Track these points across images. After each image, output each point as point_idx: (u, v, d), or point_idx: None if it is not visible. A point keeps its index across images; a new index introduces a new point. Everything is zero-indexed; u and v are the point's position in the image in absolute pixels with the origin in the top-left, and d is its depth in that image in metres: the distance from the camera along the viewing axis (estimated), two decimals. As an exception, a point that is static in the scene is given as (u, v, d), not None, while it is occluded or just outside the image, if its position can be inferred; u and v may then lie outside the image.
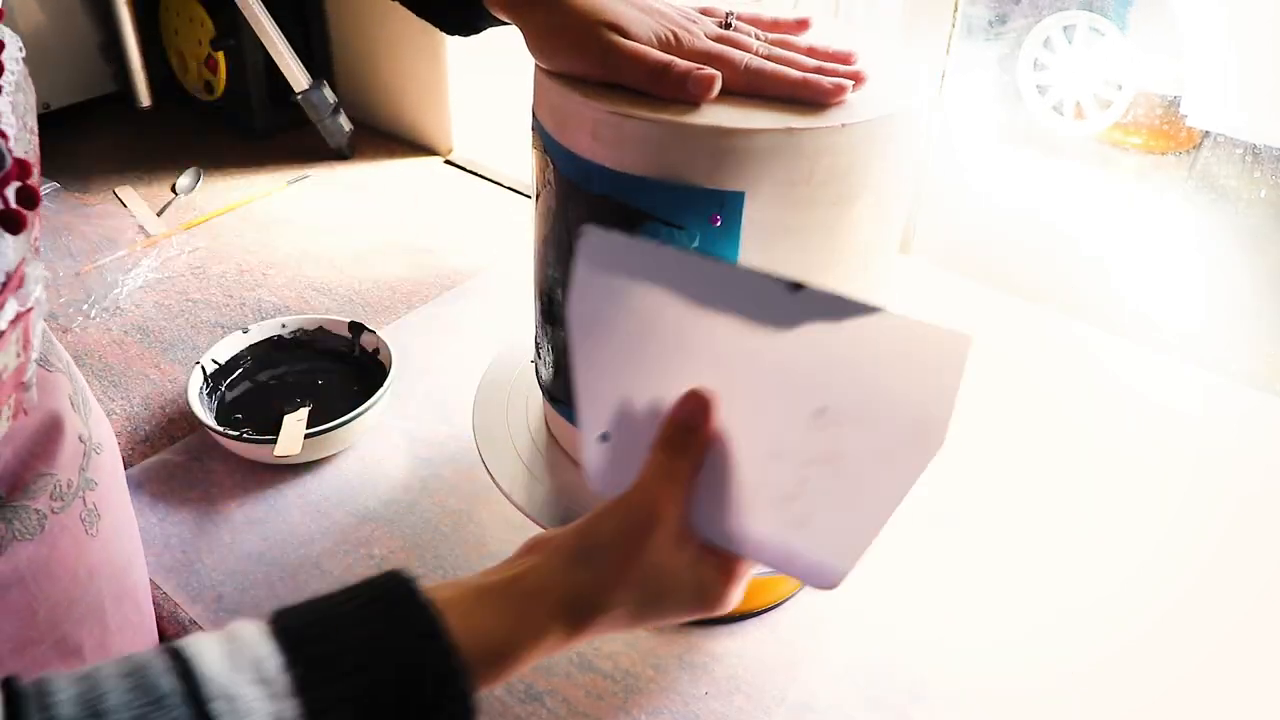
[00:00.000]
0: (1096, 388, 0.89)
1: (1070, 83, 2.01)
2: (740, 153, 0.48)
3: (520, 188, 1.22)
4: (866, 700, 0.63)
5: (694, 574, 0.43)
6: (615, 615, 0.41)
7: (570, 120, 0.52)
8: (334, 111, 1.23)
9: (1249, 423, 0.87)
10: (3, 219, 0.41)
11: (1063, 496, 0.78)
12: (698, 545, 0.43)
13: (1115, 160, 1.92)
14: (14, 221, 0.41)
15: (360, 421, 0.79)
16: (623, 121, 0.49)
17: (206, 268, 1.06)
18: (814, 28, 0.58)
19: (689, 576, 0.43)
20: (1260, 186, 1.39)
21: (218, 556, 0.73)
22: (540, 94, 0.55)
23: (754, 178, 0.49)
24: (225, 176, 1.23)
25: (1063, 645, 0.67)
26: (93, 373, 0.90)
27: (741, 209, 0.49)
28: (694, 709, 0.63)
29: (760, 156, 0.48)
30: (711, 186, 0.49)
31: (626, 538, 0.41)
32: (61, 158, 1.25)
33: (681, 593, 0.43)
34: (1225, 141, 1.59)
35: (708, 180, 0.49)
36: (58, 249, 1.06)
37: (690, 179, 0.49)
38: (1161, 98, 1.89)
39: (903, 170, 0.54)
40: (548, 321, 0.61)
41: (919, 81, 0.54)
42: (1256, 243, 1.36)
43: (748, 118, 0.48)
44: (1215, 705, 0.64)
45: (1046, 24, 2.02)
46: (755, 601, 0.69)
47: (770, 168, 0.48)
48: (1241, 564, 0.73)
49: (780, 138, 0.48)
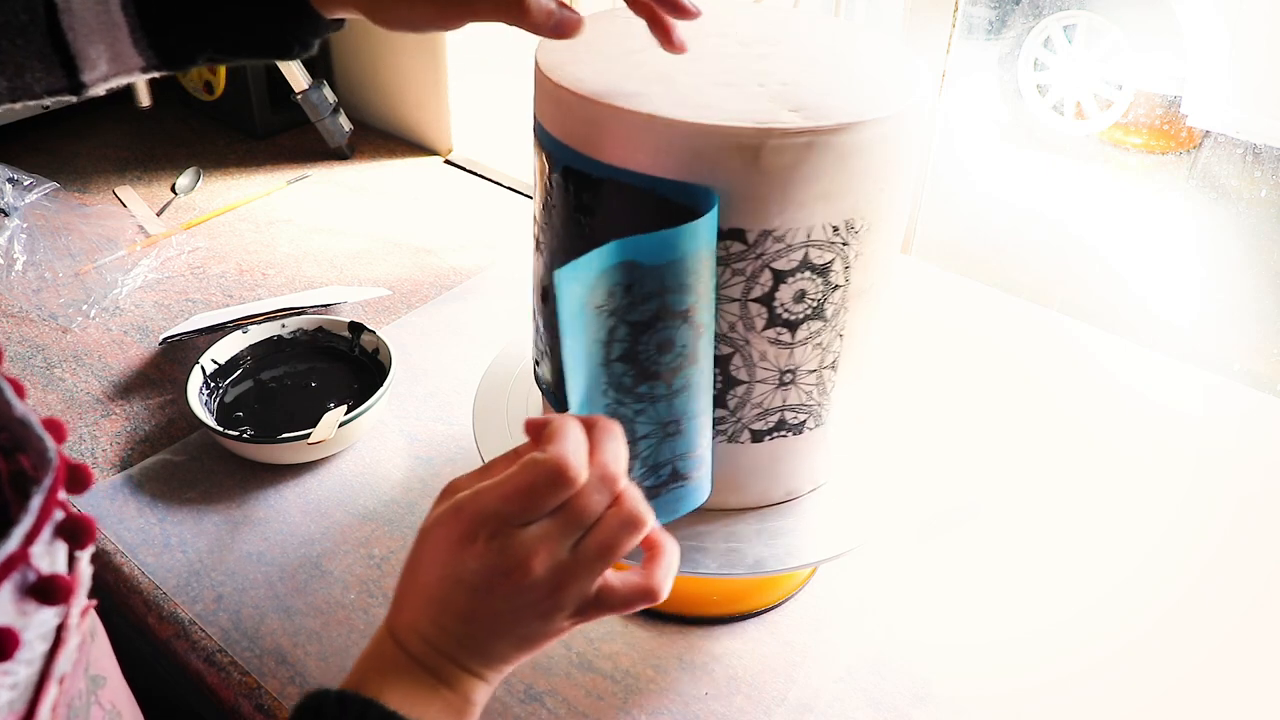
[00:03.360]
0: (1096, 388, 0.89)
1: (1071, 82, 2.01)
2: (741, 152, 0.48)
3: (520, 187, 1.22)
4: (867, 701, 0.63)
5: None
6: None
7: (571, 118, 0.52)
8: (333, 111, 1.23)
9: (1249, 423, 0.87)
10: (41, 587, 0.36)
11: (1063, 496, 0.78)
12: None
13: (1116, 160, 1.92)
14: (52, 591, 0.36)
15: (360, 421, 0.79)
16: (622, 119, 0.49)
17: (206, 268, 1.06)
18: (813, 27, 0.58)
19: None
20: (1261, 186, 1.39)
21: (217, 556, 0.73)
22: (541, 91, 0.55)
23: (755, 177, 0.49)
24: (225, 176, 1.23)
25: (1063, 645, 0.67)
26: (93, 373, 0.90)
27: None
28: (694, 709, 0.63)
29: (761, 155, 0.48)
30: (711, 185, 0.49)
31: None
32: (61, 157, 1.25)
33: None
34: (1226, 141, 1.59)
35: (707, 179, 0.49)
36: (57, 249, 1.06)
37: (689, 177, 0.49)
38: (1162, 97, 1.89)
39: (904, 170, 0.53)
40: (548, 323, 0.61)
41: (920, 81, 0.54)
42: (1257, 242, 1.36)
43: (750, 117, 0.48)
44: (1216, 705, 0.64)
45: (1047, 24, 2.02)
46: (755, 602, 0.69)
47: (771, 167, 0.48)
48: (1241, 564, 0.73)
49: (781, 138, 0.48)
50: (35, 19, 0.48)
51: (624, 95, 0.50)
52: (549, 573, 0.41)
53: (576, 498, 0.41)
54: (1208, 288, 1.23)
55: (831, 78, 0.53)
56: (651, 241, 0.46)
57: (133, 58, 0.50)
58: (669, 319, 0.49)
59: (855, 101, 0.50)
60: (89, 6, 0.48)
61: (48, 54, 0.49)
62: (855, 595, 0.70)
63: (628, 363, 0.49)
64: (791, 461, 0.60)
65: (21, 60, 0.49)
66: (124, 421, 0.85)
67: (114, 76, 0.51)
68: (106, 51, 0.50)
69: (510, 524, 0.41)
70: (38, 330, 0.96)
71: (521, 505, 0.41)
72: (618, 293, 0.47)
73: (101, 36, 0.49)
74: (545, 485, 0.40)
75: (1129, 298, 1.15)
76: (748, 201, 0.49)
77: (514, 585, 0.41)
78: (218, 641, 0.67)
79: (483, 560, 0.41)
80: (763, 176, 0.49)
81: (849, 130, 0.49)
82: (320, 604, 0.69)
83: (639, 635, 0.67)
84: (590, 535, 0.42)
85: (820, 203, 0.50)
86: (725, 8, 0.61)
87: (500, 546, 0.40)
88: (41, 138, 1.28)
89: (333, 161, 1.26)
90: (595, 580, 0.42)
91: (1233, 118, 1.65)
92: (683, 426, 0.53)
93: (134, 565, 0.72)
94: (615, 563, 0.42)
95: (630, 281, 0.47)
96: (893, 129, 0.51)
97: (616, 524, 0.42)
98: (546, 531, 0.41)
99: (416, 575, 0.43)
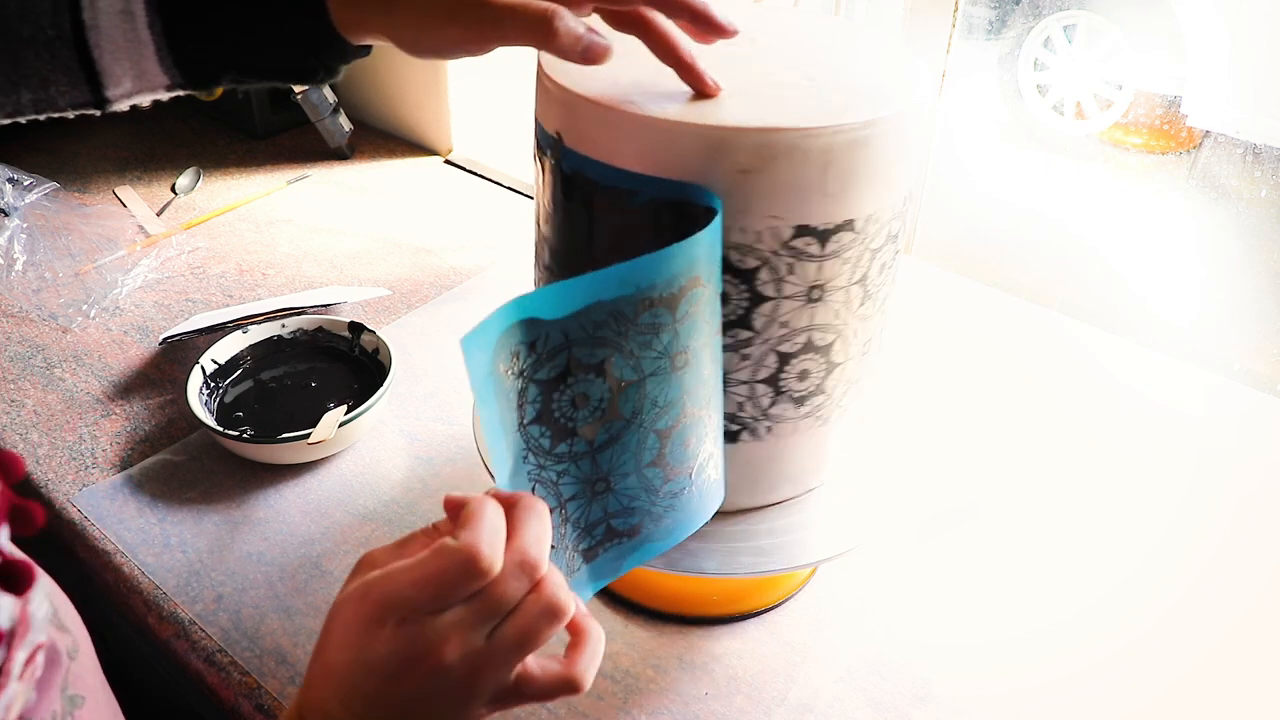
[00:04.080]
0: (1096, 388, 0.89)
1: (1070, 82, 2.01)
2: (743, 152, 0.48)
3: (520, 187, 1.22)
4: (867, 701, 0.63)
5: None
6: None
7: (570, 118, 0.52)
8: (333, 111, 1.23)
9: (1249, 423, 0.87)
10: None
11: (1063, 496, 0.78)
12: None
13: (1116, 160, 1.92)
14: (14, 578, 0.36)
15: (360, 421, 0.79)
16: (624, 120, 0.49)
17: (206, 268, 1.06)
18: (813, 27, 0.58)
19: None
20: (1261, 186, 1.40)
21: (217, 556, 0.73)
22: (542, 93, 0.55)
23: (756, 178, 0.49)
24: (225, 176, 1.23)
25: (1063, 645, 0.67)
26: (93, 373, 0.90)
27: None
28: (694, 709, 0.63)
29: (763, 156, 0.48)
30: (709, 186, 0.49)
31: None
32: (62, 157, 1.25)
33: None
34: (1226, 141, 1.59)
35: (708, 179, 0.49)
36: (57, 249, 1.06)
37: (690, 178, 0.49)
38: (1162, 97, 1.90)
39: (905, 170, 0.53)
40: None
41: (920, 81, 0.54)
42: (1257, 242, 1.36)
43: (751, 118, 0.48)
44: (1216, 705, 0.64)
45: (1046, 24, 2.03)
46: (755, 602, 0.69)
47: (772, 168, 0.48)
48: (1241, 564, 0.73)
49: (782, 137, 0.48)
50: (62, 34, 0.48)
51: (623, 96, 0.50)
52: (462, 661, 0.39)
53: (492, 586, 0.39)
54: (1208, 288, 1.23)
55: (831, 78, 0.53)
56: (550, 294, 0.43)
57: (158, 75, 0.51)
58: (579, 373, 0.46)
59: (855, 101, 0.50)
60: (115, 24, 0.49)
61: (74, 69, 0.49)
62: (855, 595, 0.70)
63: (543, 423, 0.46)
64: (792, 461, 0.60)
65: (47, 74, 0.49)
66: (124, 421, 0.85)
67: (138, 93, 0.52)
68: (132, 69, 0.50)
69: (420, 611, 0.39)
70: (38, 330, 0.96)
71: (432, 594, 0.39)
72: (523, 352, 0.44)
73: (127, 54, 0.50)
74: (457, 574, 0.39)
75: (1129, 298, 1.15)
76: (747, 202, 0.49)
77: (425, 673, 0.39)
78: (218, 641, 0.67)
79: (391, 646, 0.39)
80: (762, 177, 0.49)
81: (849, 130, 0.49)
82: (320, 604, 0.69)
83: (639, 635, 0.67)
84: (507, 623, 0.40)
85: (820, 203, 0.50)
86: (725, 8, 0.61)
87: (410, 634, 0.39)
88: (41, 138, 1.28)
89: (333, 161, 1.26)
90: (513, 669, 0.41)
91: (1232, 118, 1.65)
92: (613, 484, 0.50)
93: (134, 565, 0.72)
94: (533, 651, 0.41)
95: (533, 338, 0.44)
96: (893, 129, 0.51)
97: (535, 612, 0.40)
98: (460, 619, 0.39)
99: (326, 654, 0.41)
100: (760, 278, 0.52)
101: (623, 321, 0.46)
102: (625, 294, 0.45)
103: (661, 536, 0.54)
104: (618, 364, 0.47)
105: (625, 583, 0.69)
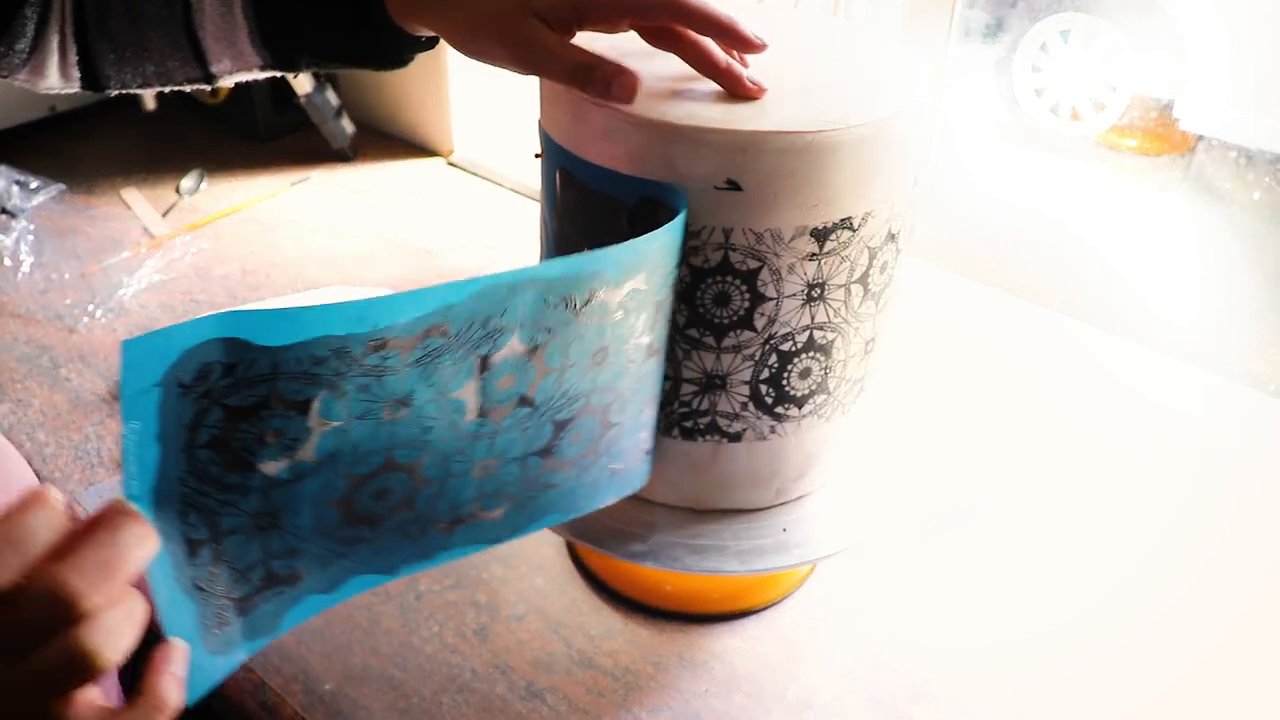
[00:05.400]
0: (1096, 388, 0.89)
1: (1066, 85, 2.01)
2: (745, 154, 0.48)
3: (522, 190, 1.23)
4: (867, 699, 0.64)
5: None
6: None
7: (568, 118, 0.52)
8: (337, 114, 1.23)
9: (1249, 423, 0.87)
10: None
11: (1062, 496, 0.79)
12: None
13: (1111, 162, 1.92)
14: None
15: (363, 421, 0.79)
16: (627, 123, 0.50)
17: (210, 269, 1.06)
18: (813, 27, 0.58)
19: None
20: (1254, 189, 1.40)
21: (222, 555, 0.73)
22: (547, 97, 0.55)
23: (757, 179, 0.49)
24: (229, 178, 1.23)
25: (1063, 644, 0.67)
26: (99, 373, 0.91)
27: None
28: (694, 706, 0.63)
29: (764, 158, 0.49)
30: (714, 186, 0.49)
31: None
32: (67, 160, 1.26)
33: None
34: (1219, 144, 1.60)
35: (711, 180, 0.49)
36: (63, 250, 1.06)
37: (693, 179, 0.49)
38: (1156, 101, 1.90)
39: (904, 170, 0.54)
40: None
41: (919, 82, 0.54)
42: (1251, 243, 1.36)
43: (753, 120, 0.49)
44: (1215, 705, 0.64)
45: (1042, 27, 2.03)
46: (755, 599, 0.69)
47: (773, 169, 0.49)
48: (1241, 564, 0.73)
49: (782, 138, 0.48)
50: (174, 15, 0.54)
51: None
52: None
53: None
54: (1207, 288, 1.24)
55: (831, 78, 0.54)
56: (269, 319, 0.39)
57: (252, 56, 0.55)
58: (279, 407, 0.41)
59: (855, 102, 0.51)
60: (216, 8, 0.54)
61: (184, 46, 0.54)
62: (855, 593, 0.71)
63: (217, 450, 0.40)
64: (793, 460, 0.60)
65: (164, 49, 0.55)
66: (129, 422, 0.85)
67: (238, 71, 0.56)
68: (229, 49, 0.55)
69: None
70: (44, 330, 0.97)
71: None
72: (215, 372, 0.39)
73: (226, 34, 0.54)
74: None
75: (1129, 298, 1.15)
76: (747, 202, 0.50)
77: None
78: (222, 639, 0.67)
79: None
80: (762, 177, 0.49)
81: (849, 131, 0.49)
82: (324, 602, 0.70)
83: (639, 633, 0.68)
84: (29, 660, 0.34)
85: (820, 203, 0.51)
86: (725, 9, 0.61)
87: None
88: (48, 140, 1.29)
89: (335, 163, 1.27)
90: (46, 712, 0.35)
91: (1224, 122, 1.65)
92: (281, 521, 0.44)
93: (139, 564, 0.72)
94: (63, 701, 0.35)
95: (233, 361, 0.39)
96: (892, 129, 0.51)
97: (57, 658, 0.34)
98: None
99: None
100: (761, 278, 0.52)
101: (346, 360, 0.41)
102: (357, 332, 0.41)
103: (326, 587, 0.48)
104: (326, 404, 0.42)
105: (626, 580, 0.69)
